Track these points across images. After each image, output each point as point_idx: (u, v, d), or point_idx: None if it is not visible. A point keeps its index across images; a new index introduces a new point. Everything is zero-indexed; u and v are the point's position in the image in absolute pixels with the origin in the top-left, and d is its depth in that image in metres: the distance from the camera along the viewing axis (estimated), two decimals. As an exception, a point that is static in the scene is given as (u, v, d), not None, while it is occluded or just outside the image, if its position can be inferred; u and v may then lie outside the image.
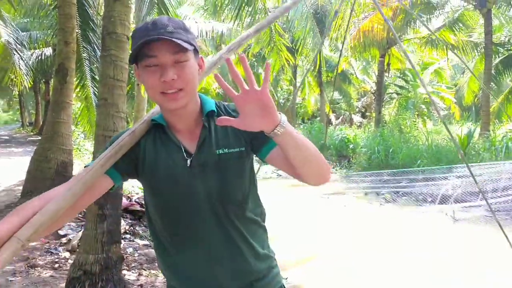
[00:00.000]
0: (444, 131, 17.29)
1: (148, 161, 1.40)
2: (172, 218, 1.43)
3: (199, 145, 1.38)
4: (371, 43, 16.45)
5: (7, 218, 1.18)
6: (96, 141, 4.04)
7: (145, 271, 4.79)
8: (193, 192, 1.37)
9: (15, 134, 24.95)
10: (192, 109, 1.39)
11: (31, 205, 1.24)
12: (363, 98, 30.22)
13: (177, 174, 1.37)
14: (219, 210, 1.39)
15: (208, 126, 1.40)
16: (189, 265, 1.43)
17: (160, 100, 1.31)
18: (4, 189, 8.75)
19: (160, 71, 1.27)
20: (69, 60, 7.06)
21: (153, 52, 1.26)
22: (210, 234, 1.40)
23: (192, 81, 1.31)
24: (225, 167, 1.38)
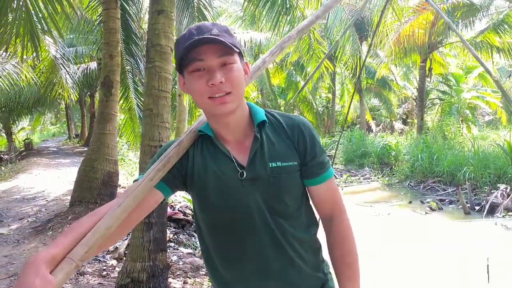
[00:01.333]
0: (491, 136, 16.77)
1: (197, 173, 1.37)
2: (223, 232, 1.39)
3: (251, 157, 1.34)
4: (412, 48, 16.16)
5: (59, 239, 1.15)
6: (142, 151, 4.10)
7: (190, 279, 4.82)
8: (245, 205, 1.34)
9: (62, 146, 25.71)
10: (240, 117, 1.35)
11: (83, 224, 1.21)
12: (404, 104, 29.67)
13: (228, 187, 1.34)
14: (271, 224, 1.35)
15: (260, 137, 1.35)
16: (242, 280, 1.40)
17: (208, 105, 1.27)
18: (54, 199, 9.02)
19: (207, 75, 1.24)
20: (113, 73, 7.22)
21: (200, 55, 1.24)
22: (263, 248, 1.36)
23: (240, 84, 1.28)
24: (277, 181, 1.34)
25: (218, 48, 1.24)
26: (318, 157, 1.39)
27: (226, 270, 1.42)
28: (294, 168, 1.36)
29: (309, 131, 1.39)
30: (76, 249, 1.13)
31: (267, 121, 1.39)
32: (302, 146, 1.37)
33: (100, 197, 7.10)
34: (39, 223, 7.02)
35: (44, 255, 1.07)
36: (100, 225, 1.19)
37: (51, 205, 8.44)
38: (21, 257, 5.43)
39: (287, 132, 1.38)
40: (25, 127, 34.68)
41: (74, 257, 1.12)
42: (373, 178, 15.37)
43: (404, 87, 25.69)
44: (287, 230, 1.37)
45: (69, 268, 1.10)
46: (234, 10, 21.38)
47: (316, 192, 1.41)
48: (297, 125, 1.39)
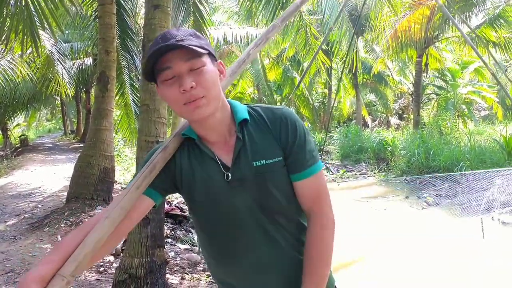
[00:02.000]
0: (487, 131, 16.82)
1: (185, 177, 1.36)
2: (216, 233, 1.40)
3: (235, 158, 1.33)
4: (408, 43, 16.15)
5: (48, 257, 1.16)
6: (138, 147, 4.09)
7: (187, 275, 4.83)
8: (233, 206, 1.33)
9: (58, 142, 25.63)
10: (221, 118, 1.33)
11: (72, 238, 1.21)
12: (400, 99, 29.70)
13: (215, 189, 1.33)
14: (263, 221, 1.35)
15: (242, 137, 1.34)
16: (239, 277, 1.42)
17: (185, 112, 1.26)
18: (50, 195, 9.01)
19: (177, 82, 1.22)
20: (109, 68, 7.20)
21: (166, 63, 1.22)
22: (256, 246, 1.36)
23: (212, 86, 1.25)
24: (264, 179, 1.32)
25: (183, 53, 1.22)
26: (301, 151, 1.35)
27: (223, 267, 1.44)
28: (279, 164, 1.34)
29: (291, 123, 1.35)
30: (66, 265, 1.13)
31: (249, 118, 1.36)
32: (285, 139, 1.34)
33: (96, 193, 7.09)
34: (35, 219, 7.00)
35: (33, 275, 1.08)
36: (88, 239, 1.18)
37: (47, 201, 8.43)
38: (18, 253, 5.42)
39: (269, 127, 1.35)
40: (20, 123, 34.56)
41: (64, 273, 1.12)
42: (370, 173, 15.39)
43: (400, 82, 25.70)
44: (281, 225, 1.37)
45: (60, 285, 1.10)
46: (229, 6, 21.29)
47: (298, 186, 1.37)
48: (279, 118, 1.36)
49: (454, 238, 7.01)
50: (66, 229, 6.24)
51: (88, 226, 1.23)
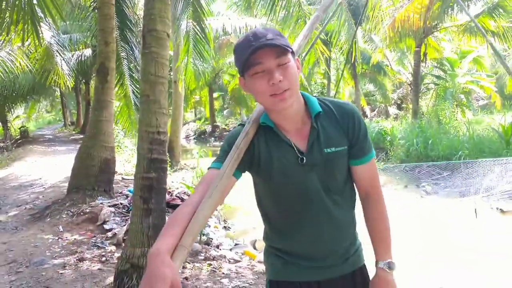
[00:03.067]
0: (485, 121, 16.83)
1: (263, 159, 1.56)
2: (286, 208, 1.60)
3: (310, 145, 1.53)
4: (406, 33, 16.11)
5: (169, 230, 1.31)
6: (140, 137, 4.07)
7: (189, 264, 4.86)
8: (305, 186, 1.54)
9: (58, 133, 25.63)
10: (297, 109, 1.52)
11: (183, 214, 1.37)
12: (398, 89, 29.67)
13: (290, 170, 1.54)
14: (326, 200, 1.57)
15: (317, 127, 1.54)
16: (298, 244, 1.63)
17: (270, 102, 1.44)
18: (51, 186, 9.04)
19: (267, 76, 1.40)
20: (109, 59, 7.19)
21: (259, 59, 1.39)
22: (319, 221, 1.58)
23: (296, 80, 1.45)
24: (332, 164, 1.55)
25: (273, 51, 1.39)
26: (364, 141, 1.59)
27: (287, 238, 1.64)
28: (345, 152, 1.57)
29: (357, 118, 1.58)
30: (185, 238, 1.30)
31: (322, 111, 1.56)
32: (351, 131, 1.57)
33: (97, 184, 7.12)
34: (36, 210, 7.04)
35: (164, 246, 1.24)
36: (199, 215, 1.36)
37: (48, 192, 8.46)
38: (20, 244, 5.46)
39: (338, 120, 1.57)
40: (20, 115, 34.51)
41: (185, 244, 1.29)
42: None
43: (398, 72, 25.66)
44: (338, 204, 1.61)
45: (183, 254, 1.27)
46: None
47: (359, 170, 1.62)
48: (347, 112, 1.58)
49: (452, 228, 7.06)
50: (67, 219, 6.27)
51: (191, 203, 1.41)
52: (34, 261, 4.84)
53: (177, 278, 1.17)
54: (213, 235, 6.11)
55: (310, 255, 1.63)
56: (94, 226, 6.08)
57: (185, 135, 29.35)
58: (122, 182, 9.06)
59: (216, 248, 5.61)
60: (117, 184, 8.19)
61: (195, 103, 35.24)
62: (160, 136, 4.02)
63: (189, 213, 1.37)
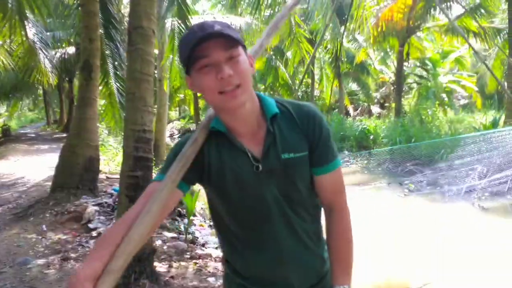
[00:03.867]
0: (466, 120, 17.08)
1: (214, 168, 1.39)
2: (243, 222, 1.43)
3: (265, 151, 1.37)
4: (390, 32, 16.26)
5: (96, 252, 1.20)
6: (125, 135, 4.03)
7: (175, 263, 4.83)
8: (262, 197, 1.38)
9: (41, 131, 25.32)
10: (251, 109, 1.36)
11: (114, 233, 1.25)
12: (381, 88, 29.92)
13: (245, 180, 1.37)
14: (288, 212, 1.41)
15: (273, 130, 1.37)
16: (261, 265, 1.45)
17: (219, 100, 1.28)
18: (34, 185, 8.91)
19: (215, 70, 1.25)
20: (93, 57, 7.12)
21: (205, 52, 1.24)
22: (280, 236, 1.41)
23: (248, 76, 1.29)
24: (292, 172, 1.38)
25: (222, 42, 1.25)
26: (326, 147, 1.41)
27: (246, 256, 1.47)
28: (305, 158, 1.39)
29: (319, 120, 1.41)
30: (114, 261, 1.17)
31: (279, 112, 1.40)
32: (312, 135, 1.40)
33: (81, 183, 7.04)
34: (19, 209, 6.94)
35: (85, 273, 1.12)
36: (133, 234, 1.22)
37: (31, 191, 8.34)
38: (3, 243, 5.37)
39: (297, 122, 1.40)
40: (2, 113, 34.04)
41: (114, 268, 1.16)
42: (352, 161, 15.54)
43: (381, 72, 25.88)
44: (302, 216, 1.44)
45: (111, 280, 1.14)
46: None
47: (321, 180, 1.43)
48: (307, 114, 1.41)
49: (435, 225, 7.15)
50: (51, 218, 6.19)
51: (126, 220, 1.27)
52: (18, 261, 4.76)
53: None
54: (199, 234, 6.09)
55: (271, 279, 1.46)
56: (78, 225, 5.99)
57: (169, 134, 29.22)
58: (107, 181, 8.97)
59: (202, 247, 5.58)
60: (101, 183, 8.11)
61: (180, 102, 35.07)
62: (146, 134, 3.99)
63: (122, 232, 1.23)
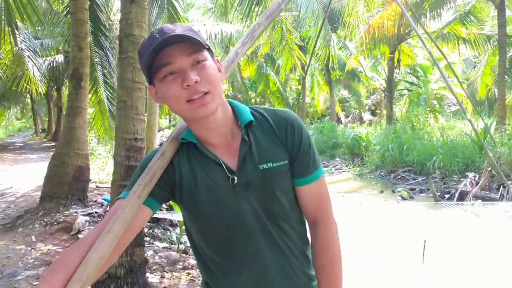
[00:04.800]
0: (458, 126, 17.16)
1: (186, 183, 1.28)
2: (219, 242, 1.32)
3: (240, 162, 1.26)
4: (381, 39, 16.35)
5: (48, 278, 1.08)
6: (117, 144, 4.01)
7: (167, 273, 4.78)
8: (239, 212, 1.27)
9: (29, 141, 25.13)
10: (223, 118, 1.26)
11: (71, 256, 1.13)
12: (372, 95, 30.07)
13: (220, 194, 1.26)
14: (269, 228, 1.30)
15: (248, 139, 1.27)
16: (241, 286, 1.33)
17: (187, 110, 1.18)
18: (23, 195, 8.79)
19: (180, 77, 1.15)
20: (83, 65, 7.05)
21: (167, 58, 1.15)
22: (262, 255, 1.30)
23: (216, 81, 1.19)
24: (271, 183, 1.27)
25: (186, 47, 1.16)
26: (306, 155, 1.32)
27: (225, 279, 1.34)
28: (285, 167, 1.29)
29: (298, 126, 1.31)
30: (70, 286, 1.06)
31: (254, 120, 1.30)
32: (291, 143, 1.30)
33: (71, 192, 6.94)
34: (8, 220, 6.82)
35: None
36: (91, 257, 1.10)
37: (20, 201, 8.23)
38: (-9, 255, 5.27)
39: (274, 130, 1.31)
40: (-12, 123, 33.76)
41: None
42: (344, 168, 15.56)
43: (372, 79, 26.01)
44: (286, 231, 1.33)
45: None
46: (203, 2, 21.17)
47: (303, 192, 1.33)
48: (285, 121, 1.31)
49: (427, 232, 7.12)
50: (40, 229, 6.10)
51: (87, 240, 1.16)
52: (7, 272, 4.67)
53: None
54: (191, 243, 6.01)
55: None
56: (68, 235, 5.90)
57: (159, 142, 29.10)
58: (97, 190, 8.88)
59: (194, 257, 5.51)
60: (91, 192, 8.02)
61: (170, 110, 35.03)
62: (138, 142, 3.95)
63: (79, 255, 1.11)
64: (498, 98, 14.30)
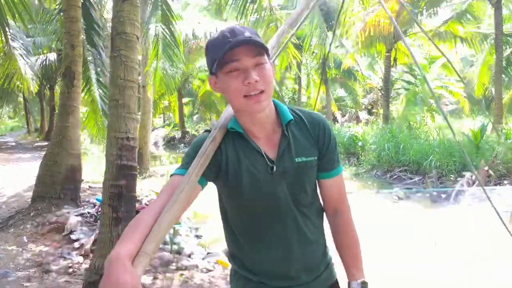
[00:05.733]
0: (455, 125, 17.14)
1: (231, 167, 1.47)
2: (255, 221, 1.52)
3: (280, 153, 1.47)
4: (377, 38, 16.30)
5: (131, 235, 1.23)
6: (109, 143, 3.96)
7: (160, 274, 4.73)
8: (275, 196, 1.48)
9: (21, 140, 25.01)
10: (269, 115, 1.47)
11: (145, 220, 1.28)
12: (369, 94, 30.04)
13: (260, 180, 1.46)
14: (296, 212, 1.51)
15: (288, 135, 1.48)
16: (269, 261, 1.53)
17: (243, 103, 1.37)
18: (14, 195, 8.70)
19: (243, 74, 1.33)
20: (75, 63, 6.96)
21: (236, 56, 1.32)
22: (288, 234, 1.52)
23: (272, 83, 1.39)
24: (302, 174, 1.49)
25: (252, 49, 1.33)
26: (333, 153, 1.55)
27: (252, 252, 1.56)
28: (315, 162, 1.52)
29: (328, 129, 1.54)
30: (147, 244, 1.22)
31: (293, 119, 1.51)
32: (322, 142, 1.52)
33: (63, 192, 6.87)
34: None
35: (125, 251, 1.16)
36: (162, 221, 1.28)
37: (11, 201, 8.14)
38: (-18, 255, 5.20)
39: (309, 129, 1.52)
40: (-19, 122, 33.57)
41: (147, 251, 1.20)
42: (341, 168, 15.46)
43: (369, 77, 25.99)
44: (308, 217, 1.55)
45: (146, 262, 1.19)
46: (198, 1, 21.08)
47: (327, 184, 1.58)
48: (318, 123, 1.54)
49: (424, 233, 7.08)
50: (32, 229, 6.04)
51: (154, 208, 1.32)
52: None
53: (139, 285, 1.10)
54: (185, 244, 5.93)
55: (279, 273, 1.55)
56: (60, 236, 5.85)
57: (153, 141, 28.97)
58: (89, 190, 8.80)
59: (188, 257, 5.46)
60: (84, 192, 7.94)
61: (164, 109, 34.84)
62: (130, 142, 3.91)
63: (151, 220, 1.28)
64: (495, 97, 14.27)
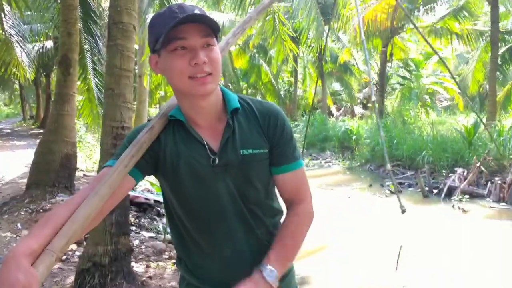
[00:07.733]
0: (448, 121, 17.23)
1: (169, 158, 1.35)
2: (195, 218, 1.39)
3: (223, 144, 1.33)
4: (374, 32, 16.31)
5: (37, 230, 1.13)
6: (104, 132, 3.97)
7: (152, 263, 4.76)
8: (216, 191, 1.35)
9: (16, 127, 24.91)
10: (214, 102, 1.33)
11: (59, 213, 1.18)
12: (364, 89, 30.08)
13: (200, 172, 1.33)
14: (242, 210, 1.37)
15: (233, 124, 1.34)
16: (212, 263, 1.42)
17: (188, 85, 1.24)
18: (9, 182, 8.71)
19: (189, 54, 1.22)
20: (72, 51, 6.95)
21: (183, 34, 1.21)
22: (234, 234, 1.39)
23: (220, 66, 1.28)
24: (248, 168, 1.35)
25: (201, 28, 1.23)
26: (287, 146, 1.39)
27: (198, 254, 1.43)
28: (264, 156, 1.37)
29: (281, 119, 1.40)
30: (56, 240, 1.11)
31: (240, 108, 1.38)
32: (272, 134, 1.38)
33: (58, 180, 6.87)
34: (-7, 207, 6.74)
35: (23, 248, 1.05)
36: (78, 215, 1.17)
37: (6, 188, 8.15)
38: (-25, 242, 5.21)
39: (258, 119, 1.38)
40: (-24, 108, 33.39)
41: (54, 249, 1.09)
42: (334, 161, 15.59)
43: (364, 72, 26.01)
44: (258, 216, 1.41)
45: (50, 260, 1.08)
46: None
47: (281, 180, 1.40)
48: (269, 112, 1.39)
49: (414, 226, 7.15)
50: (26, 216, 6.05)
51: (73, 202, 1.22)
52: (-10, 260, 4.63)
53: (32, 285, 0.99)
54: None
55: (225, 279, 1.35)
56: (54, 223, 5.84)
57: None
58: (84, 178, 8.82)
59: (181, 247, 5.49)
60: (78, 180, 7.96)
61: (160, 99, 34.73)
62: (125, 131, 3.91)
63: (66, 214, 1.17)
64: (489, 94, 14.32)
